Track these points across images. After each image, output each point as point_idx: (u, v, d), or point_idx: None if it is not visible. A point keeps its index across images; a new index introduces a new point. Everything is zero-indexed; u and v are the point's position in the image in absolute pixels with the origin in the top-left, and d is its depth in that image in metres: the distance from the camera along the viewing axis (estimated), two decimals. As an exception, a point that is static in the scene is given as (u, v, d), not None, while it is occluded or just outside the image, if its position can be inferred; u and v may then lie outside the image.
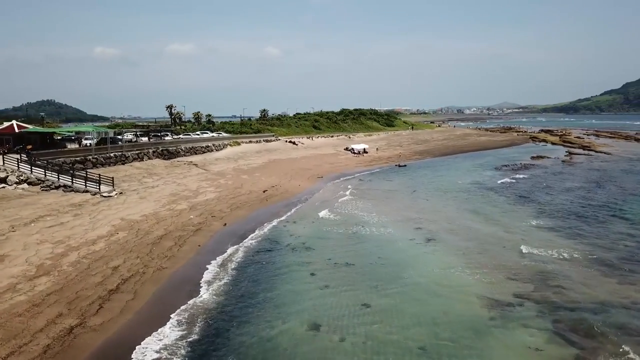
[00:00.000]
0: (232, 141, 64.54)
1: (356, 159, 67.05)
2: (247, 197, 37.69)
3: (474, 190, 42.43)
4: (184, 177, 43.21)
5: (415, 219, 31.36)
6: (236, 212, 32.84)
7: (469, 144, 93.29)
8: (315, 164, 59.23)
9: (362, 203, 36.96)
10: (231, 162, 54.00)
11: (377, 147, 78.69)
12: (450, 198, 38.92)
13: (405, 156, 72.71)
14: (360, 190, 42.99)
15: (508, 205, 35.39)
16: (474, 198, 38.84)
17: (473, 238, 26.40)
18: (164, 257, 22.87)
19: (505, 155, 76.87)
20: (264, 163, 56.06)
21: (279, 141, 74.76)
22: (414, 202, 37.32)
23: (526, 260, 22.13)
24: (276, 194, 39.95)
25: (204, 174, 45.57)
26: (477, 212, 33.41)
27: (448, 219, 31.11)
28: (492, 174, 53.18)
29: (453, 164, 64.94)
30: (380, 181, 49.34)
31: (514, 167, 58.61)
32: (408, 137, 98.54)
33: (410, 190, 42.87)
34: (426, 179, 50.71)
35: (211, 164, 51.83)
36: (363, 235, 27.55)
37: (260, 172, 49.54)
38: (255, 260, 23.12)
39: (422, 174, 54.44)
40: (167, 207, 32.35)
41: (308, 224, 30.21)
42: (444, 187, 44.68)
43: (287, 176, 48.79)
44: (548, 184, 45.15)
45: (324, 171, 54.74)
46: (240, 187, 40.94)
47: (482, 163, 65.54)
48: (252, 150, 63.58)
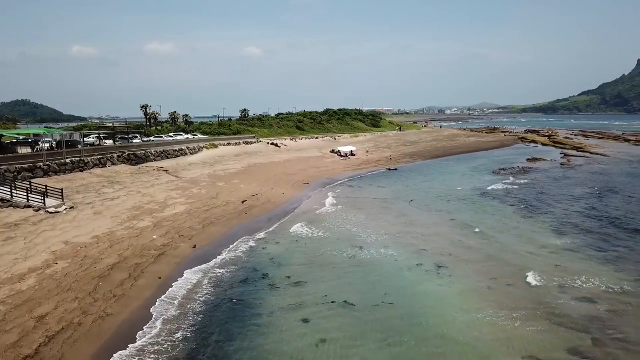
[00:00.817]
0: (208, 144, 59.23)
1: (344, 163, 62.52)
2: (223, 209, 32.71)
3: (477, 200, 38.28)
4: (151, 185, 37.90)
5: (419, 237, 26.90)
6: (209, 230, 27.88)
7: (459, 146, 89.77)
8: (300, 169, 54.48)
9: (355, 216, 32.38)
10: (207, 168, 48.79)
11: (367, 149, 74.31)
12: (453, 209, 34.63)
13: (394, 159, 68.51)
14: (352, 200, 38.43)
15: (521, 219, 31.23)
16: (479, 209, 34.63)
17: (493, 264, 22.04)
18: (112, 297, 17.84)
19: (499, 157, 73.41)
20: (244, 168, 51.02)
21: (261, 143, 69.69)
22: (414, 215, 32.89)
23: (570, 297, 17.81)
24: (257, 204, 35.08)
25: (175, 182, 40.32)
26: (488, 227, 29.15)
27: (457, 238, 26.72)
28: (491, 179, 49.27)
29: (447, 168, 60.98)
30: (372, 188, 44.87)
31: (512, 172, 54.90)
32: (396, 139, 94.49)
33: (407, 199, 38.48)
34: (422, 184, 46.47)
35: (184, 169, 46.55)
36: (362, 260, 22.94)
37: (239, 179, 44.53)
38: (229, 297, 18.32)
39: (416, 179, 50.20)
40: (127, 224, 27.18)
41: (294, 245, 25.46)
42: (444, 195, 40.45)
43: (270, 183, 43.93)
44: (554, 192, 41.34)
45: (310, 176, 50.04)
46: (215, 198, 35.91)
47: (477, 166, 61.76)
48: (230, 154, 58.40)
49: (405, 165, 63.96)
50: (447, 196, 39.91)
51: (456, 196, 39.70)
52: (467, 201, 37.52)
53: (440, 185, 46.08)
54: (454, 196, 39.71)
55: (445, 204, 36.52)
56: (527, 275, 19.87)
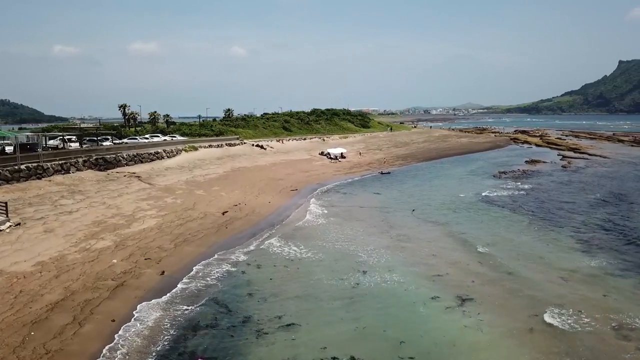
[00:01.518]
0: (187, 146, 54.68)
1: (334, 166, 58.59)
2: (200, 223, 28.47)
3: (484, 209, 34.68)
4: (118, 195, 33.39)
5: (429, 258, 23.10)
6: (182, 250, 23.64)
7: (452, 147, 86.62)
8: (288, 173, 50.37)
9: (352, 229, 28.45)
10: (184, 173, 44.34)
11: (359, 151, 70.50)
12: (461, 221, 30.95)
13: (387, 161, 64.84)
14: (347, 209, 34.50)
15: (538, 235, 27.63)
16: (490, 221, 31.03)
17: (525, 296, 18.28)
18: (43, 354, 13.56)
19: (495, 159, 70.32)
20: (226, 173, 46.69)
21: (245, 145, 65.31)
22: (418, 229, 29.08)
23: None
24: (239, 216, 30.91)
25: (147, 190, 35.85)
26: (506, 245, 25.51)
27: (473, 260, 22.97)
28: (493, 184, 45.84)
29: (443, 171, 57.50)
30: (366, 194, 41.02)
31: (513, 175, 51.63)
32: (386, 140, 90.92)
33: (407, 208, 34.71)
34: (421, 190, 42.77)
35: (159, 175, 42.04)
36: (365, 289, 18.99)
37: (220, 185, 40.23)
38: (196, 349, 14.17)
39: (413, 184, 46.51)
40: (82, 245, 22.81)
41: (283, 270, 21.40)
42: (447, 203, 36.78)
43: (254, 190, 39.75)
44: (564, 198, 38.04)
45: (299, 181, 45.98)
46: (192, 209, 31.61)
47: (475, 169, 58.43)
48: (211, 157, 53.98)
49: (398, 168, 60.33)
50: (451, 204, 36.26)
51: (460, 204, 36.06)
52: (474, 211, 33.88)
53: (440, 191, 42.46)
54: (458, 204, 36.06)
55: (451, 214, 32.81)
56: (579, 312, 16.16)
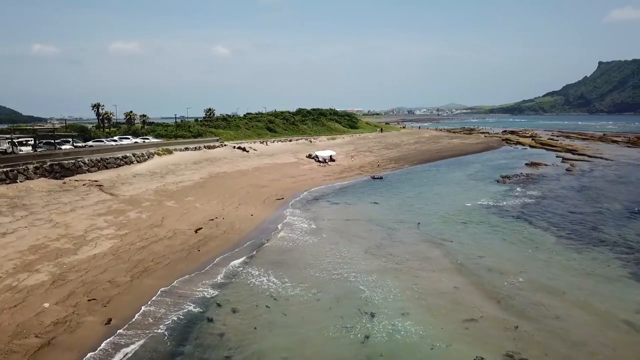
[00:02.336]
0: (161, 149, 49.29)
1: (323, 170, 53.89)
2: (167, 244, 23.47)
3: (497, 222, 30.34)
4: (71, 209, 28.09)
5: (452, 292, 18.58)
6: (139, 285, 18.66)
7: (445, 148, 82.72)
8: (273, 179, 45.49)
9: (350, 251, 23.77)
10: (155, 180, 39.07)
11: (351, 154, 65.96)
12: (479, 237, 26.57)
13: (380, 165, 60.41)
14: (342, 224, 29.83)
15: (573, 255, 23.37)
16: (510, 237, 26.67)
17: (590, 353, 13.86)
18: None
19: (492, 161, 66.51)
20: (203, 179, 41.56)
21: (225, 147, 60.09)
22: (430, 250, 24.50)
23: None
24: (215, 234, 26.00)
25: (108, 203, 30.58)
26: (538, 268, 21.15)
27: (507, 292, 18.50)
28: (499, 191, 41.72)
29: (441, 175, 53.27)
30: (362, 204, 36.40)
31: (518, 180, 47.63)
32: (376, 141, 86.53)
33: (411, 221, 30.21)
34: (422, 199, 38.34)
35: (125, 183, 36.71)
36: (377, 346, 14.31)
37: (195, 195, 35.16)
38: None
39: (412, 191, 42.06)
40: (8, 281, 17.68)
41: (267, 316, 16.57)
42: (455, 214, 32.38)
43: (235, 199, 34.82)
44: (584, 208, 34.07)
45: (285, 188, 41.17)
46: (159, 225, 26.57)
47: (474, 173, 54.38)
48: (187, 161, 48.71)
49: (391, 172, 55.93)
50: (459, 215, 31.89)
51: (470, 216, 31.70)
52: (488, 224, 29.53)
53: (444, 199, 38.08)
54: (467, 216, 31.70)
55: (464, 229, 28.36)
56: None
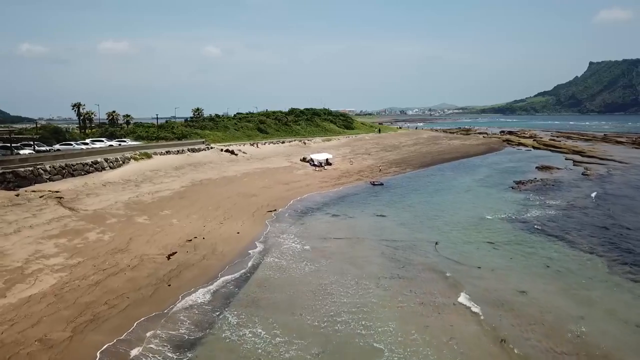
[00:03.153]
0: (138, 152, 44.14)
1: (319, 175, 49.14)
2: (128, 277, 18.59)
3: (528, 240, 25.84)
4: (15, 230, 22.98)
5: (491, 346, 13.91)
6: (80, 344, 13.76)
7: (446, 150, 78.41)
8: (264, 186, 40.66)
9: (359, 287, 19.04)
10: (128, 190, 34.02)
11: (349, 158, 61.20)
12: (514, 263, 22.00)
13: (380, 169, 55.81)
14: (345, 245, 25.09)
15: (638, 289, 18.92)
16: (550, 263, 22.13)
17: None
18: None
19: (499, 165, 62.28)
20: (184, 188, 36.59)
21: (212, 150, 55.06)
22: (459, 282, 19.84)
23: None
24: (192, 260, 21.18)
25: (64, 220, 25.49)
26: (603, 314, 16.61)
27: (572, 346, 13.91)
28: (517, 199, 37.33)
29: (448, 181, 48.77)
30: (365, 217, 31.70)
31: (534, 187, 43.29)
32: (374, 143, 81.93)
33: (425, 239, 25.57)
34: (432, 209, 33.76)
35: (91, 194, 31.61)
36: None
37: (173, 207, 30.23)
38: None
39: (420, 200, 37.47)
40: None
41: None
42: (475, 229, 27.80)
43: (219, 212, 29.99)
44: (622, 221, 29.76)
45: (277, 197, 36.41)
46: (123, 250, 21.64)
47: (484, 178, 49.98)
48: (168, 166, 43.64)
49: (393, 177, 51.36)
50: (480, 231, 27.33)
51: (493, 232, 27.15)
52: (517, 245, 24.92)
53: (458, 211, 33.52)
54: (490, 232, 27.14)
55: (490, 251, 23.74)
56: None
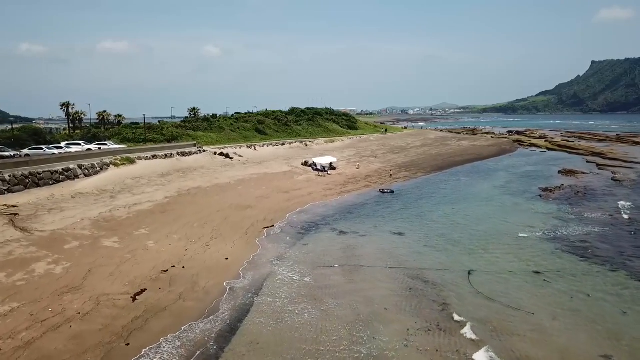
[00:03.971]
0: (120, 157, 39.32)
1: (322, 181, 44.35)
2: (74, 333, 13.84)
3: (581, 269, 21.12)
4: (-58, 261, 18.19)
5: None
6: None
7: (457, 152, 73.57)
8: (261, 195, 35.90)
9: (379, 345, 14.25)
10: (100, 202, 29.22)
11: (354, 160, 56.24)
12: (579, 308, 17.21)
13: (387, 172, 51.03)
14: (358, 276, 20.29)
15: None
16: (623, 306, 17.36)
17: None
18: None
19: (517, 168, 57.46)
20: (168, 199, 31.79)
21: (204, 153, 50.23)
22: (516, 343, 15.02)
23: None
24: (164, 302, 16.43)
25: (11, 246, 20.65)
26: None
27: None
28: (548, 211, 32.61)
29: (465, 188, 43.93)
30: (378, 234, 26.90)
31: (564, 195, 38.54)
32: (379, 144, 77.12)
33: (458, 270, 20.79)
34: (451, 223, 28.96)
35: (53, 209, 26.80)
36: None
37: (151, 225, 25.43)
38: None
39: (435, 211, 32.66)
40: None
41: None
42: (512, 254, 22.99)
43: (207, 230, 25.23)
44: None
45: (276, 209, 31.66)
46: (77, 287, 16.89)
47: (504, 184, 45.19)
48: (153, 172, 38.83)
49: (404, 183, 46.58)
50: (520, 256, 22.55)
51: (535, 256, 22.38)
52: (571, 276, 20.17)
53: (484, 225, 28.73)
54: (531, 256, 22.37)
55: (541, 288, 18.93)
56: None
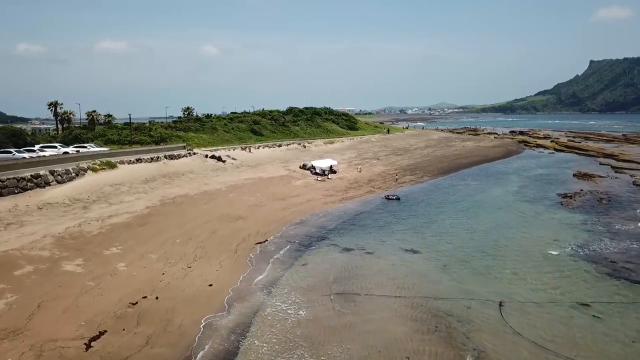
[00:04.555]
0: (99, 161, 35.74)
1: (322, 186, 40.92)
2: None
3: (634, 295, 17.75)
4: None
5: None
6: None
7: (462, 154, 70.20)
8: (254, 203, 32.48)
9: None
10: (70, 214, 25.68)
11: (356, 163, 52.63)
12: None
13: (391, 176, 47.65)
14: (368, 308, 16.90)
15: None
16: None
17: None
18: None
19: (527, 171, 54.14)
20: (149, 210, 28.29)
21: (194, 156, 46.69)
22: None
23: None
24: (126, 351, 13.18)
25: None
26: None
27: None
28: (573, 221, 29.35)
29: (476, 193, 40.55)
30: (387, 252, 23.51)
31: (585, 201, 35.26)
32: (381, 145, 73.68)
33: (485, 299, 17.44)
34: (468, 236, 25.58)
35: (12, 223, 23.20)
36: None
37: (126, 242, 21.94)
38: None
39: (448, 221, 29.31)
40: None
41: None
42: (545, 277, 19.64)
43: (190, 247, 21.79)
44: None
45: (271, 220, 28.25)
46: (17, 332, 13.62)
47: (518, 190, 41.87)
48: (136, 178, 35.28)
49: (409, 187, 43.22)
50: (557, 280, 19.23)
51: (575, 283, 19.07)
52: (624, 308, 16.85)
53: (507, 240, 25.37)
54: (571, 283, 19.04)
55: (590, 326, 15.59)
56: None
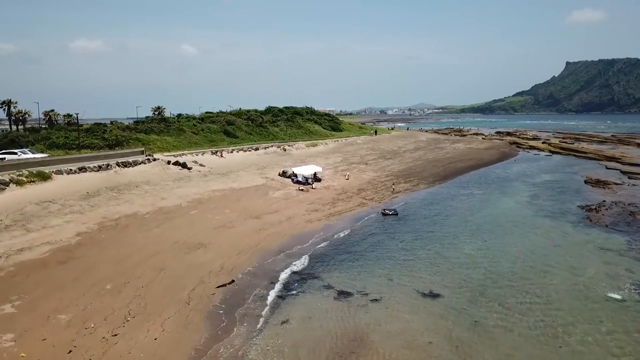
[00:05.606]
0: (27, 172, 28.76)
1: (305, 198, 34.74)
2: None
3: None
4: None
5: None
6: None
7: (455, 157, 64.95)
8: (220, 224, 26.06)
9: None
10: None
11: (342, 168, 46.27)
12: None
13: (384, 184, 41.83)
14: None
15: None
16: None
17: None
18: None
19: (531, 177, 49.09)
20: (79, 238, 21.57)
21: (155, 163, 39.83)
22: None
23: None
24: None
25: None
26: None
27: None
28: (614, 244, 24.11)
29: (483, 204, 35.04)
30: (397, 298, 17.62)
31: (613, 215, 30.13)
32: (368, 148, 67.79)
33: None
34: (497, 269, 19.88)
35: None
36: None
37: (32, 292, 15.36)
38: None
39: (465, 246, 23.60)
40: None
41: None
42: (622, 344, 14.01)
43: (121, 300, 15.35)
44: None
45: (241, 249, 22.01)
46: None
47: (530, 201, 36.56)
48: (74, 192, 28.41)
49: (406, 198, 37.47)
50: (633, 345, 13.60)
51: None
52: None
53: (544, 274, 19.76)
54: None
55: None
56: None
